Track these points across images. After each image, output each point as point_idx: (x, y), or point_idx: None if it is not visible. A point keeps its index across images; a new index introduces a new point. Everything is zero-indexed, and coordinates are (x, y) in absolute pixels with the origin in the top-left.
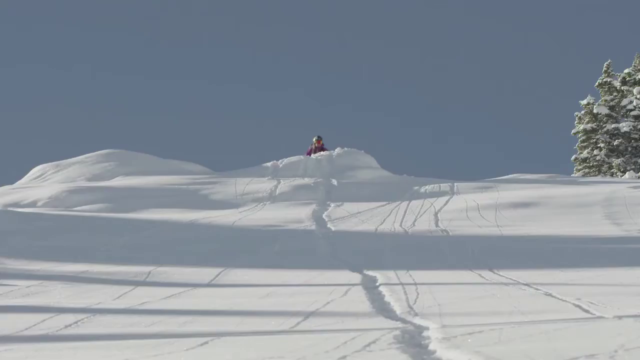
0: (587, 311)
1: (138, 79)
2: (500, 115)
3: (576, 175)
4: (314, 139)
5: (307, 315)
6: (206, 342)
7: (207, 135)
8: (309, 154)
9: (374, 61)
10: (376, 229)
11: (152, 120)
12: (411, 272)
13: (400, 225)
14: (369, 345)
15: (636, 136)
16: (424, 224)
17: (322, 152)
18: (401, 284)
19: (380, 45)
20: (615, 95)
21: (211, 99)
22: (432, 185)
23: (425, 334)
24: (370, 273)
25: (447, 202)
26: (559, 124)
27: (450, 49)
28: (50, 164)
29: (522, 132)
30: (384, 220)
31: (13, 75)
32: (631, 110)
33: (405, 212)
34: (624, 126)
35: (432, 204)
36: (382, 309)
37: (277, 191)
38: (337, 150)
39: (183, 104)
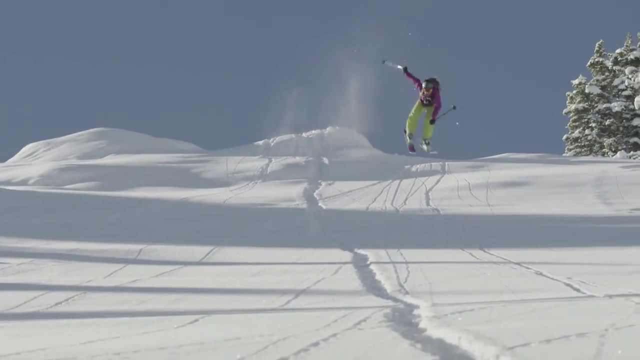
0: (577, 290)
1: (130, 58)
2: (492, 94)
3: (567, 154)
4: (423, 85)
5: (298, 293)
6: (196, 320)
7: (199, 113)
8: (416, 83)
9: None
10: (367, 208)
11: (144, 98)
12: (402, 250)
13: (392, 204)
14: (359, 323)
15: (627, 116)
16: (415, 203)
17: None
18: (392, 262)
19: (371, 25)
20: (607, 75)
21: (202, 80)
22: (423, 164)
23: (415, 312)
24: (361, 251)
25: (438, 181)
26: (550, 104)
27: (441, 28)
28: (41, 142)
29: (513, 111)
30: (375, 199)
31: (6, 56)
32: (623, 90)
33: (396, 191)
34: (616, 106)
35: (423, 182)
36: (373, 287)
37: (269, 170)
38: (329, 129)
39: (175, 83)
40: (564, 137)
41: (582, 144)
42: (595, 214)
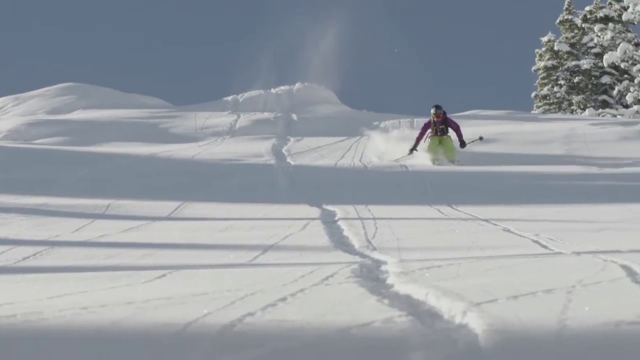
0: (545, 247)
1: (98, 14)
2: (460, 51)
3: (536, 112)
4: (432, 112)
5: (266, 248)
6: (164, 275)
7: (167, 69)
8: (425, 129)
9: None
10: (335, 164)
11: (112, 52)
12: (370, 206)
13: (360, 160)
14: (326, 278)
15: (596, 73)
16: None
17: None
18: (360, 218)
19: None
20: (576, 33)
21: (170, 36)
22: (392, 121)
23: (383, 268)
24: (329, 207)
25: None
26: (519, 61)
27: None
28: (10, 97)
29: (482, 68)
30: (343, 155)
31: None
32: (592, 47)
33: (365, 147)
34: (585, 63)
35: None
36: (341, 243)
37: (237, 125)
38: (298, 85)
39: (143, 39)
40: (533, 94)
41: (551, 101)
42: (564, 171)
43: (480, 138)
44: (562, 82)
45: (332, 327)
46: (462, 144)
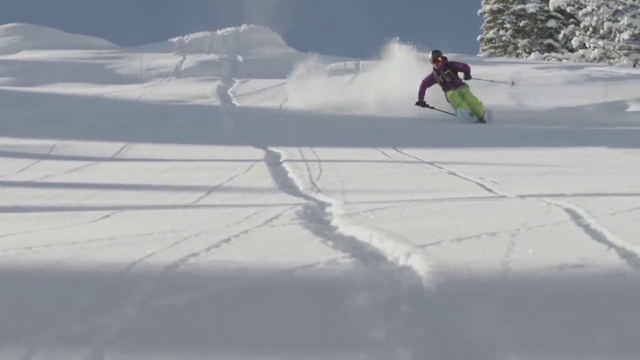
0: (490, 190)
1: None
2: None
3: (482, 55)
4: (430, 58)
5: (210, 190)
6: (108, 215)
7: (112, 9)
8: (428, 83)
9: None
10: (280, 106)
11: None
12: (315, 149)
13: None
14: (271, 220)
15: (542, 17)
16: None
17: (456, 73)
18: (304, 160)
19: None
20: None
21: None
22: (337, 64)
23: (327, 210)
24: (274, 149)
25: (352, 80)
26: (464, 4)
27: None
28: None
29: (428, 10)
30: (288, 98)
31: None
32: None
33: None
34: (530, 7)
35: (337, 81)
36: (285, 185)
37: (183, 67)
38: (243, 26)
39: None
40: (479, 37)
41: (497, 44)
42: (510, 115)
43: (512, 83)
44: (507, 25)
45: (276, 268)
46: (467, 76)
